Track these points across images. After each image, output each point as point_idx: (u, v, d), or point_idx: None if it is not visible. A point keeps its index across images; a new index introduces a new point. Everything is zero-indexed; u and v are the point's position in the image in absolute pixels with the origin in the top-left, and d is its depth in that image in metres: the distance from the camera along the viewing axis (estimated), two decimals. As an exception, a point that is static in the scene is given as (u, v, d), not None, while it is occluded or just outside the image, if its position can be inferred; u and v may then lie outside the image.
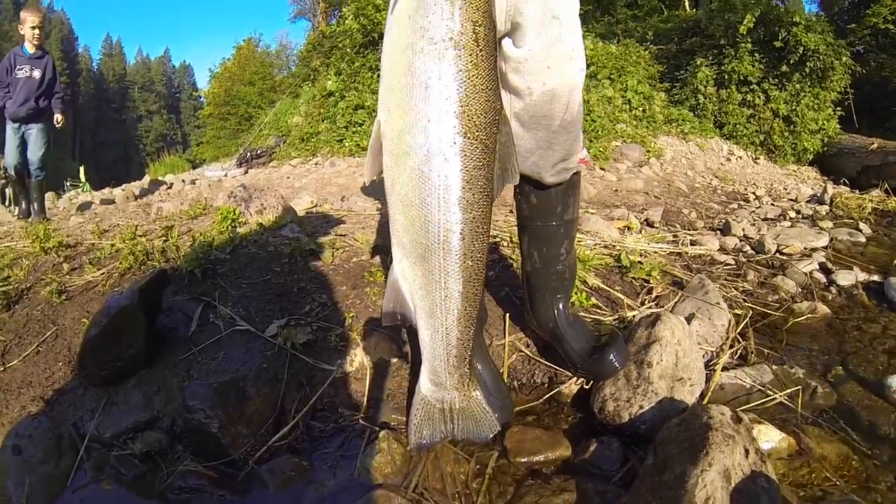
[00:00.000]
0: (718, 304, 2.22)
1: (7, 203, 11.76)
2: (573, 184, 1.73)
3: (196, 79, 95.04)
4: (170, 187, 7.61)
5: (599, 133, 7.08)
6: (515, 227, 1.83)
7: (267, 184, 6.51)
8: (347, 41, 9.73)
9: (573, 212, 1.78)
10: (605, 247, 2.87)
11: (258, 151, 9.71)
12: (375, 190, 4.58)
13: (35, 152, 5.75)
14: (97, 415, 1.77)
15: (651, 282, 2.48)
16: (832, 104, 9.38)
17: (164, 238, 3.09)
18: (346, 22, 9.84)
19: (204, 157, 30.76)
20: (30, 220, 5.38)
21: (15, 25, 6.09)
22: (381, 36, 1.31)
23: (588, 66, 8.37)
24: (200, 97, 44.23)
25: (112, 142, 76.02)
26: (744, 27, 9.17)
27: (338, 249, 2.52)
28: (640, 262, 2.62)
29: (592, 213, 3.62)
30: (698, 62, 9.59)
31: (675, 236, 3.53)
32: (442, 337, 1.33)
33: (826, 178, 8.72)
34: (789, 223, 4.62)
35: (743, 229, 4.02)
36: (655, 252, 2.97)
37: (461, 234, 1.17)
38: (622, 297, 2.30)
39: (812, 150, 9.28)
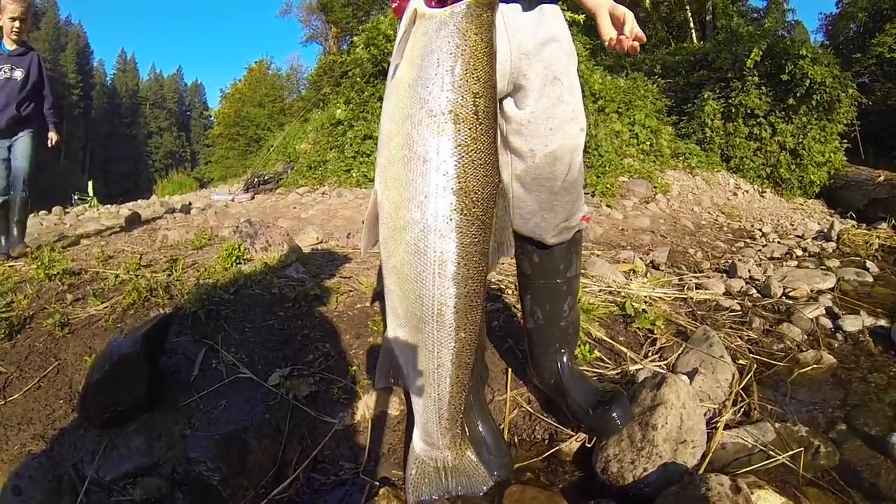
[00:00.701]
0: (722, 357, 2.21)
1: None
2: (575, 241, 1.74)
3: (207, 97, 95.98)
4: (175, 211, 7.62)
5: (607, 168, 7.10)
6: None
7: (273, 212, 6.60)
8: (357, 70, 9.79)
9: (576, 268, 1.78)
10: (610, 292, 2.86)
11: (266, 177, 9.77)
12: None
13: (18, 166, 4.62)
14: (97, 457, 1.76)
15: (655, 332, 2.47)
16: (838, 136, 9.39)
17: (168, 271, 3.10)
18: (357, 51, 9.92)
19: (212, 176, 31.12)
20: (8, 252, 4.33)
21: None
22: None
23: (596, 100, 8.53)
24: (211, 117, 44.70)
25: (122, 156, 76.74)
26: (751, 61, 9.24)
27: (342, 294, 2.52)
28: (644, 310, 2.61)
29: (598, 255, 3.62)
30: (706, 95, 9.66)
31: (680, 279, 3.53)
32: (434, 402, 1.34)
33: (833, 212, 8.72)
34: (796, 263, 4.61)
35: (749, 270, 4.00)
36: (660, 298, 2.96)
37: (455, 308, 1.18)
38: (626, 349, 2.29)
39: (818, 182, 9.29)
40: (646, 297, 2.90)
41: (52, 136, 4.95)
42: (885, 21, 15.27)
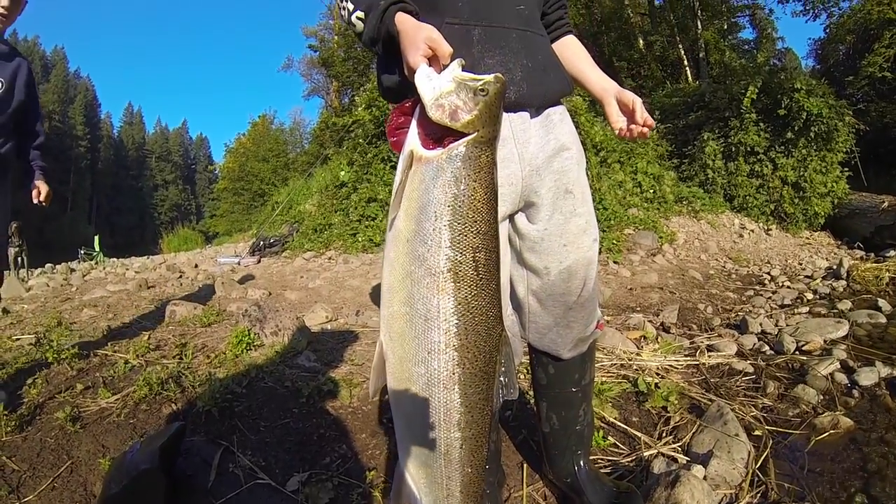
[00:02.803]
0: (737, 435, 2.19)
1: (18, 268, 11.88)
2: (590, 349, 1.74)
3: (212, 151, 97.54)
4: (182, 276, 7.65)
5: (612, 223, 7.12)
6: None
7: (280, 280, 6.64)
8: (360, 131, 9.85)
9: (591, 374, 1.79)
10: (622, 365, 2.86)
11: (271, 240, 9.85)
12: None
13: None
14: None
15: (669, 409, 2.46)
16: (839, 165, 9.40)
17: (178, 357, 3.13)
18: (358, 111, 10.01)
19: (217, 229, 31.61)
20: None
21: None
22: None
23: (598, 151, 8.61)
24: (216, 170, 45.43)
25: (128, 208, 77.90)
26: (747, 99, 9.33)
27: (355, 387, 2.54)
28: (657, 384, 2.61)
29: (608, 321, 3.63)
30: (705, 136, 9.73)
31: (691, 341, 3.52)
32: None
33: (840, 243, 8.70)
34: (807, 309, 4.57)
35: (760, 324, 3.98)
36: (672, 367, 2.96)
37: (461, 448, 1.18)
38: (639, 433, 2.28)
39: (823, 213, 9.28)
40: (658, 367, 2.89)
41: (41, 189, 3.14)
42: (872, 41, 15.45)
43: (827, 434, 2.41)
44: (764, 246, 7.81)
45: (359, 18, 1.31)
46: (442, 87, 1.09)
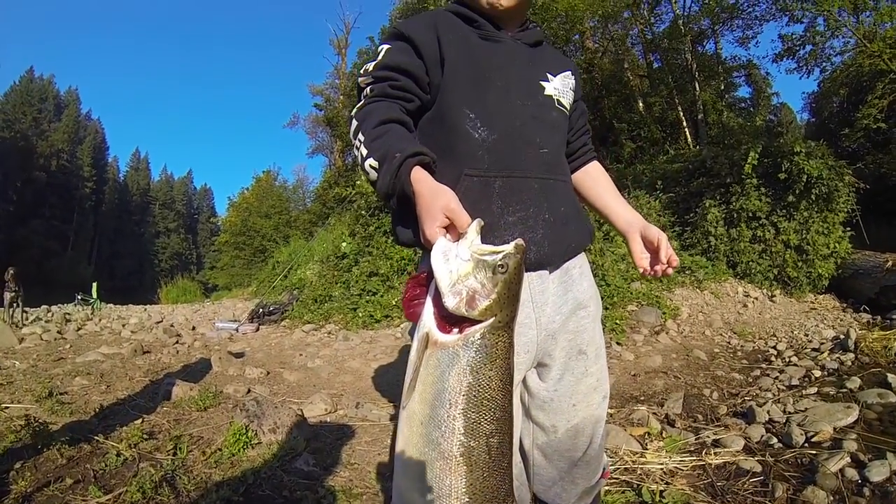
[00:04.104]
0: (750, 557, 2.12)
1: (13, 312, 11.77)
2: (596, 499, 1.68)
3: (216, 202, 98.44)
4: (179, 341, 7.56)
5: (615, 300, 7.05)
6: None
7: (279, 354, 6.56)
8: (362, 202, 9.84)
9: None
10: (626, 469, 2.79)
11: (271, 308, 9.80)
12: (387, 390, 4.60)
13: None
14: None
15: (677, 523, 2.38)
16: (841, 225, 9.41)
17: (172, 451, 3.05)
18: (361, 181, 10.00)
19: (217, 282, 31.83)
20: None
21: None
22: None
23: (601, 225, 8.56)
24: (218, 223, 45.85)
25: (129, 253, 78.46)
26: (748, 165, 9.39)
27: (354, 499, 2.47)
28: (662, 492, 2.53)
29: (612, 415, 3.57)
30: (707, 204, 9.75)
31: (697, 437, 3.44)
32: None
33: (845, 305, 8.63)
34: (815, 389, 4.49)
35: (768, 412, 3.89)
36: (678, 468, 2.89)
37: None
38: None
39: (826, 275, 9.21)
40: (662, 470, 2.82)
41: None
42: (865, 92, 15.72)
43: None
44: (769, 315, 7.74)
45: (372, 167, 1.23)
46: (459, 269, 1.06)
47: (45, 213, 61.27)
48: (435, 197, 1.14)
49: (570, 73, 1.61)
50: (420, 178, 1.17)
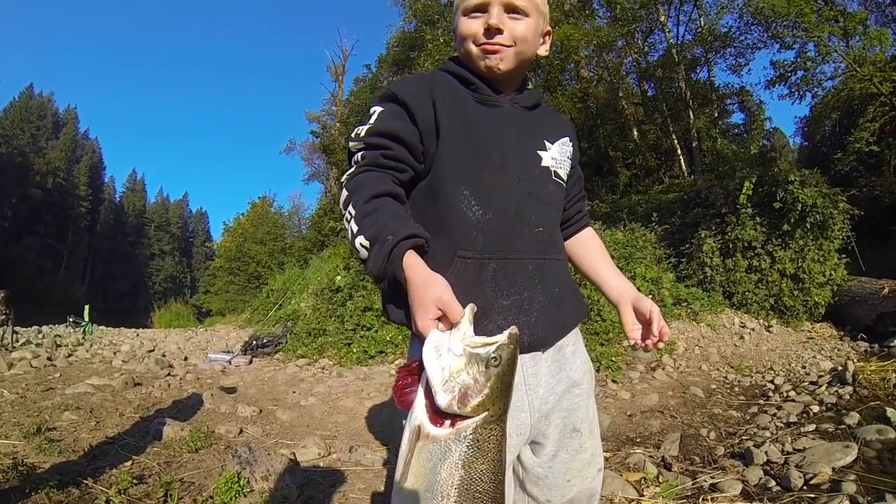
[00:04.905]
0: None
1: (2, 337, 11.63)
2: None
3: (211, 226, 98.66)
4: (170, 373, 7.46)
5: (611, 335, 6.97)
6: None
7: (272, 389, 6.50)
8: None
9: None
10: (625, 521, 2.76)
11: (264, 340, 9.72)
12: (381, 432, 4.55)
13: None
14: None
15: (676, 583, 2.34)
16: (836, 252, 9.42)
17: (163, 499, 3.00)
18: None
19: (210, 306, 31.80)
20: None
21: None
22: None
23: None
24: (213, 248, 45.86)
25: (123, 274, 78.31)
26: (743, 196, 9.42)
27: (346, 557, 2.43)
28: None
29: (608, 458, 3.52)
30: (702, 234, 9.76)
31: (694, 480, 3.39)
32: None
33: (842, 333, 8.60)
34: (813, 426, 4.46)
35: (766, 452, 3.86)
36: (677, 518, 2.85)
37: None
38: None
39: (823, 303, 9.18)
40: (662, 520, 2.79)
41: None
42: (857, 116, 15.85)
43: None
44: (766, 347, 7.70)
45: (363, 246, 1.19)
46: (451, 366, 1.04)
47: (40, 231, 61.20)
48: (427, 288, 1.10)
49: (567, 139, 1.58)
50: (412, 265, 1.14)
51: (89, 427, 4.45)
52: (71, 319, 19.34)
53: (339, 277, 9.48)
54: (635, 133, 19.12)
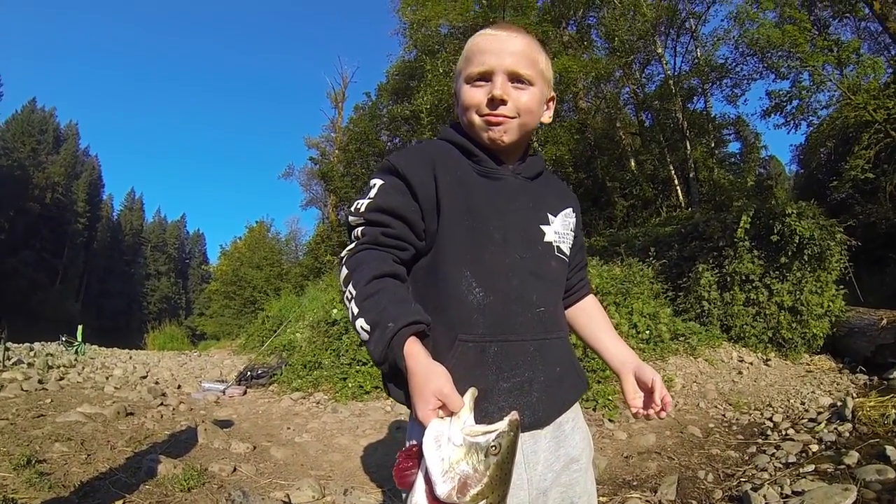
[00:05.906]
0: None
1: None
2: None
3: (207, 249, 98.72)
4: (163, 402, 7.37)
5: (608, 373, 6.85)
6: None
7: (266, 423, 6.44)
8: None
9: None
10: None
11: (259, 371, 9.67)
12: (376, 473, 4.48)
13: None
14: None
15: None
16: (834, 284, 9.41)
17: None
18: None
19: (205, 329, 31.75)
20: None
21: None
22: None
23: (595, 293, 8.47)
24: (209, 272, 45.89)
25: (118, 292, 78.16)
26: (741, 230, 9.44)
27: None
28: None
29: (603, 503, 3.49)
30: (700, 268, 9.76)
31: (693, 530, 3.37)
32: None
33: (841, 366, 8.55)
34: (813, 467, 4.41)
35: (764, 496, 3.82)
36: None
37: None
38: None
39: (821, 334, 9.13)
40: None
41: None
42: (852, 143, 15.97)
43: None
44: (764, 383, 7.64)
45: (364, 329, 1.19)
46: (451, 456, 1.04)
47: (36, 245, 60.89)
48: (427, 380, 1.10)
49: (571, 210, 1.57)
50: (413, 354, 1.14)
51: (80, 460, 4.37)
52: (63, 339, 19.12)
53: (335, 310, 9.43)
54: (633, 163, 19.27)
